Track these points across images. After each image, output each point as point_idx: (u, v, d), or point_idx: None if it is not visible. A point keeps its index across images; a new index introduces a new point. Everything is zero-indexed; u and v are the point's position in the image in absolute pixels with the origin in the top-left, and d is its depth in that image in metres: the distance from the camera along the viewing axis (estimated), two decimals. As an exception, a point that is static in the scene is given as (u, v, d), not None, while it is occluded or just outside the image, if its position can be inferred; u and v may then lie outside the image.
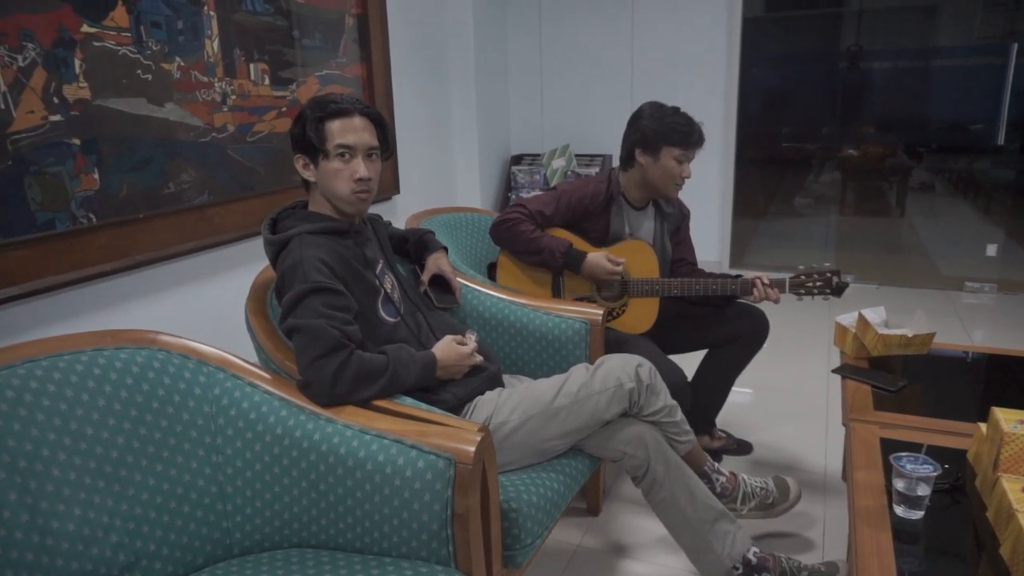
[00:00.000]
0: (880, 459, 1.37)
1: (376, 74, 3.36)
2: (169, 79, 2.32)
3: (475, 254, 2.28)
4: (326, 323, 1.29)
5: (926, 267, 4.45)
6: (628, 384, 1.55)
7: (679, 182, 2.03)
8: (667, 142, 1.98)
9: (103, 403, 1.14)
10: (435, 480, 1.14)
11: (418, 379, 1.42)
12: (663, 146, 1.99)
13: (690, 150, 2.00)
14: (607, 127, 4.32)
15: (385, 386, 1.34)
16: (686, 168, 2.02)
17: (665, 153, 1.99)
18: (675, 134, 1.98)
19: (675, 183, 2.03)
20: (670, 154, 1.99)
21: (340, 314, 1.32)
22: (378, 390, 1.33)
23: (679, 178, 2.02)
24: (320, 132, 1.45)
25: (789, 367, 2.93)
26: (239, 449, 1.23)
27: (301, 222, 1.47)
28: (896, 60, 5.64)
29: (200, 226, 2.49)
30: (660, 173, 2.01)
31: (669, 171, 2.00)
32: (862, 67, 5.72)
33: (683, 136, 1.98)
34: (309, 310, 1.30)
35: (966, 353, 1.92)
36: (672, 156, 1.99)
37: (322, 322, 1.29)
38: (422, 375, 1.43)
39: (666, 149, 1.99)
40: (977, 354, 1.91)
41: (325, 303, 1.31)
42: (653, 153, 2.00)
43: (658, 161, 2.00)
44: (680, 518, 1.57)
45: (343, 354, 1.29)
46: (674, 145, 1.98)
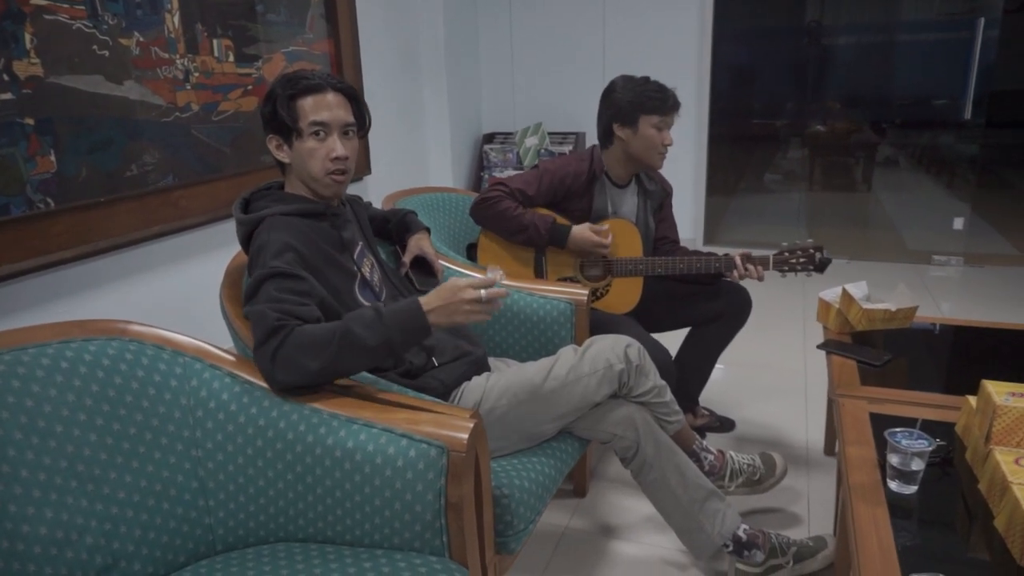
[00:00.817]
0: (871, 434, 1.37)
1: (344, 51, 3.26)
2: (127, 55, 2.21)
3: (453, 234, 2.22)
4: (268, 307, 1.19)
5: (894, 241, 4.51)
6: (617, 365, 1.53)
7: (662, 150, 2.00)
8: (644, 110, 1.96)
9: (72, 398, 1.07)
10: (427, 469, 1.11)
11: (391, 332, 1.19)
12: (640, 115, 1.96)
13: (668, 115, 1.97)
14: (580, 104, 4.28)
15: (340, 350, 1.16)
16: (667, 135, 1.99)
17: (644, 122, 1.96)
18: (650, 101, 1.95)
19: (658, 152, 2.00)
20: (648, 122, 1.96)
21: (293, 297, 1.24)
22: (331, 357, 1.16)
23: (661, 146, 1.99)
24: (292, 110, 1.38)
25: (766, 343, 2.95)
26: (220, 442, 1.18)
27: (274, 203, 1.40)
28: (860, 35, 5.68)
29: (165, 210, 2.40)
30: (642, 144, 1.98)
31: (650, 140, 1.97)
32: (827, 43, 5.75)
33: (659, 102, 1.95)
34: (262, 296, 1.22)
35: (940, 326, 1.93)
36: (651, 124, 1.96)
37: (263, 307, 1.20)
38: (401, 325, 1.20)
39: (644, 118, 1.96)
40: (956, 327, 1.92)
41: (279, 287, 1.24)
42: (631, 124, 1.97)
43: (638, 132, 1.97)
44: (670, 498, 1.56)
45: (280, 335, 1.16)
46: (651, 112, 1.95)
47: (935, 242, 4.19)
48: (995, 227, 4.70)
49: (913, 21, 5.47)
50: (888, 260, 4.07)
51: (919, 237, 4.43)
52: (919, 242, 4.34)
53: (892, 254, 4.20)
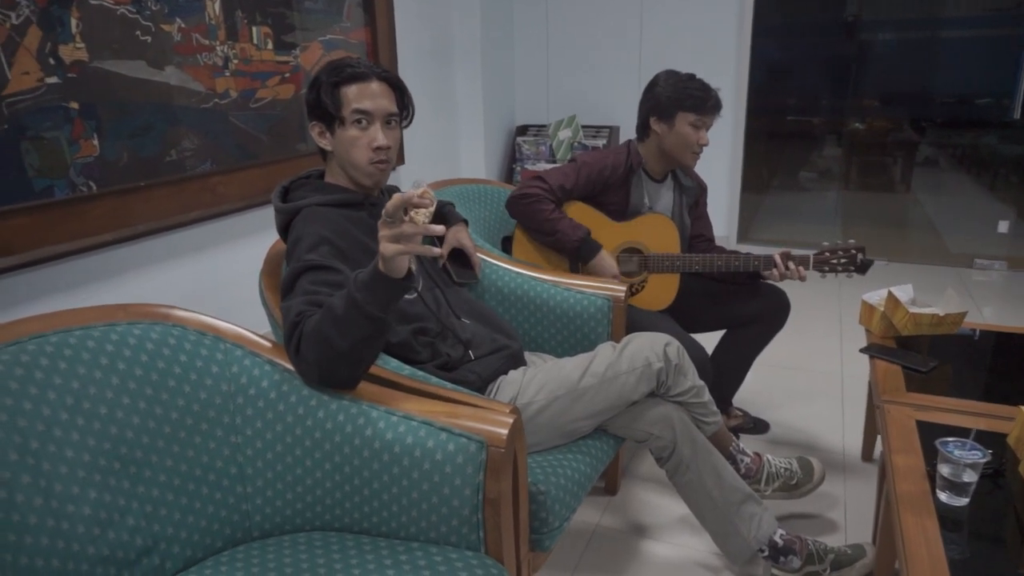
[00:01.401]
0: (918, 442, 1.33)
1: (381, 40, 3.25)
2: (169, 41, 2.23)
3: (488, 227, 2.21)
4: (297, 302, 1.18)
5: (935, 243, 4.41)
6: (656, 364, 1.50)
7: (696, 150, 1.97)
8: (681, 107, 1.92)
9: (117, 381, 1.07)
10: (466, 464, 1.09)
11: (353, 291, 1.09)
12: (678, 112, 1.93)
13: (706, 116, 1.94)
14: (615, 98, 4.23)
15: (325, 329, 1.10)
16: (703, 135, 1.95)
17: (680, 119, 1.93)
18: (689, 99, 1.92)
19: (692, 151, 1.97)
20: (685, 120, 1.93)
21: (325, 288, 1.22)
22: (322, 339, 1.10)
23: (696, 145, 1.95)
24: (335, 97, 1.38)
25: (802, 344, 2.90)
26: (259, 430, 1.18)
27: (313, 193, 1.40)
28: (902, 31, 5.53)
29: (202, 195, 2.41)
30: (676, 140, 1.95)
31: (685, 138, 1.94)
32: (866, 38, 5.62)
33: (698, 101, 1.92)
34: (297, 290, 1.23)
35: (986, 333, 1.87)
36: (687, 122, 1.93)
37: (292, 302, 1.18)
38: (360, 282, 1.09)
39: (681, 115, 1.93)
40: (1004, 333, 1.86)
41: (313, 280, 1.23)
42: (668, 120, 1.94)
43: (673, 128, 1.94)
44: (706, 500, 1.54)
45: (298, 330, 1.14)
46: (689, 110, 1.92)
47: (978, 245, 4.09)
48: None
49: (957, 16, 5.32)
50: (928, 263, 3.97)
51: (961, 240, 4.32)
52: (961, 245, 4.23)
53: (932, 257, 4.10)
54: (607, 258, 1.94)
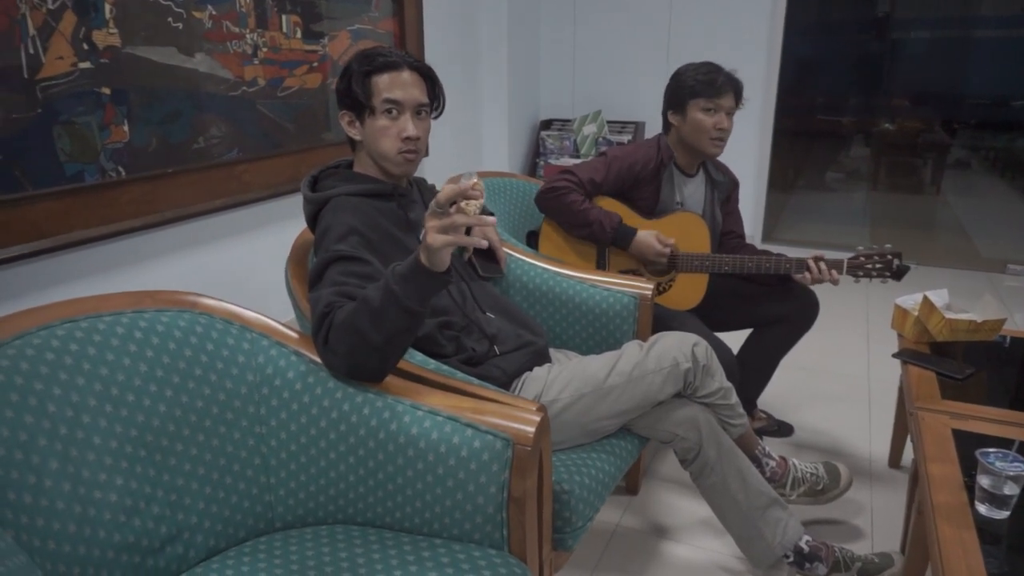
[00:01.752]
0: (954, 451, 1.29)
1: (408, 30, 3.24)
2: (200, 28, 2.23)
3: (513, 221, 2.19)
4: (326, 292, 1.17)
5: (965, 247, 4.32)
6: (684, 364, 1.48)
7: (714, 135, 1.91)
8: (691, 95, 1.91)
9: (144, 368, 1.07)
10: (492, 461, 1.08)
11: (391, 282, 1.08)
12: (688, 100, 1.91)
13: (718, 98, 1.89)
14: (641, 93, 4.18)
15: (358, 320, 1.09)
16: (720, 118, 1.90)
17: (691, 107, 1.91)
18: (698, 84, 1.90)
19: (709, 136, 1.92)
20: (696, 107, 1.91)
21: (356, 280, 1.21)
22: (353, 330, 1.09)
23: (713, 130, 1.91)
24: (366, 87, 1.37)
25: (828, 346, 2.85)
26: (283, 421, 1.17)
27: (342, 182, 1.39)
28: (935, 30, 5.42)
29: (229, 183, 2.42)
30: (691, 129, 1.93)
31: (699, 125, 1.91)
32: (898, 37, 5.51)
33: (705, 84, 1.89)
34: (326, 280, 1.22)
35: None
36: (699, 108, 1.90)
37: (321, 292, 1.18)
38: (399, 273, 1.09)
39: (691, 103, 1.91)
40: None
41: (342, 271, 1.22)
42: (681, 111, 1.94)
43: (687, 117, 1.92)
44: (731, 503, 1.51)
45: (327, 321, 1.13)
46: (697, 96, 1.90)
47: (1010, 250, 3.99)
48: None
49: (992, 15, 5.19)
50: (959, 267, 3.89)
51: (993, 245, 4.22)
52: (992, 250, 4.14)
53: (963, 261, 4.01)
54: (646, 235, 1.90)
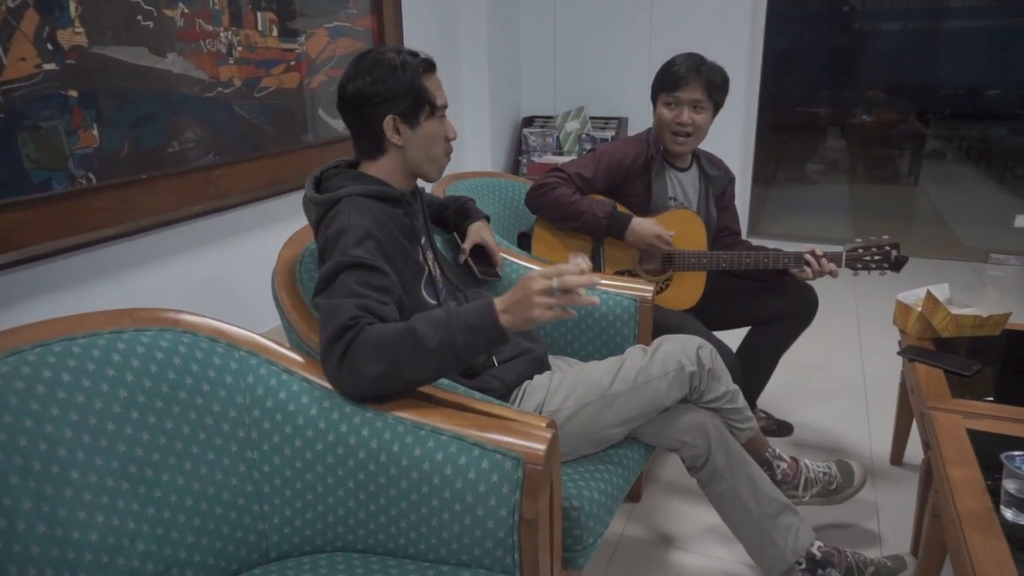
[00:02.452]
0: (972, 453, 1.26)
1: (387, 27, 3.15)
2: (172, 27, 2.13)
3: (503, 222, 2.13)
4: (346, 302, 1.09)
5: (947, 238, 4.34)
6: (689, 367, 1.43)
7: (674, 129, 1.88)
8: (658, 89, 1.91)
9: (124, 394, 0.99)
10: (502, 483, 1.02)
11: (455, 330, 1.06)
12: (658, 94, 1.91)
13: (677, 91, 1.85)
14: (624, 89, 4.14)
15: (400, 351, 1.04)
16: (680, 112, 1.86)
17: (659, 103, 1.91)
18: (661, 79, 1.89)
19: (670, 131, 1.89)
20: (661, 101, 1.90)
21: (374, 293, 1.14)
22: (392, 360, 1.04)
23: (672, 124, 1.88)
24: (424, 86, 1.28)
25: (821, 342, 2.82)
26: (277, 445, 1.10)
27: (351, 182, 1.30)
28: (906, 21, 5.45)
29: (206, 188, 2.32)
30: (657, 123, 1.93)
31: (661, 120, 1.91)
32: (871, 29, 5.54)
33: (667, 78, 1.88)
34: (340, 287, 1.13)
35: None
36: (663, 103, 1.90)
37: (342, 300, 1.10)
38: (466, 323, 1.07)
39: (660, 97, 1.91)
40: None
41: (360, 281, 1.14)
42: (655, 106, 1.93)
43: (656, 111, 1.92)
44: (741, 511, 1.47)
45: (351, 334, 1.06)
46: (660, 90, 1.90)
47: (992, 239, 4.02)
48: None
49: (961, 7, 5.23)
50: (942, 257, 3.90)
51: (974, 234, 4.25)
52: (973, 239, 4.16)
53: (945, 251, 4.03)
54: (642, 222, 1.85)
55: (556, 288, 1.05)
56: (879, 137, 5.78)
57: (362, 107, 1.28)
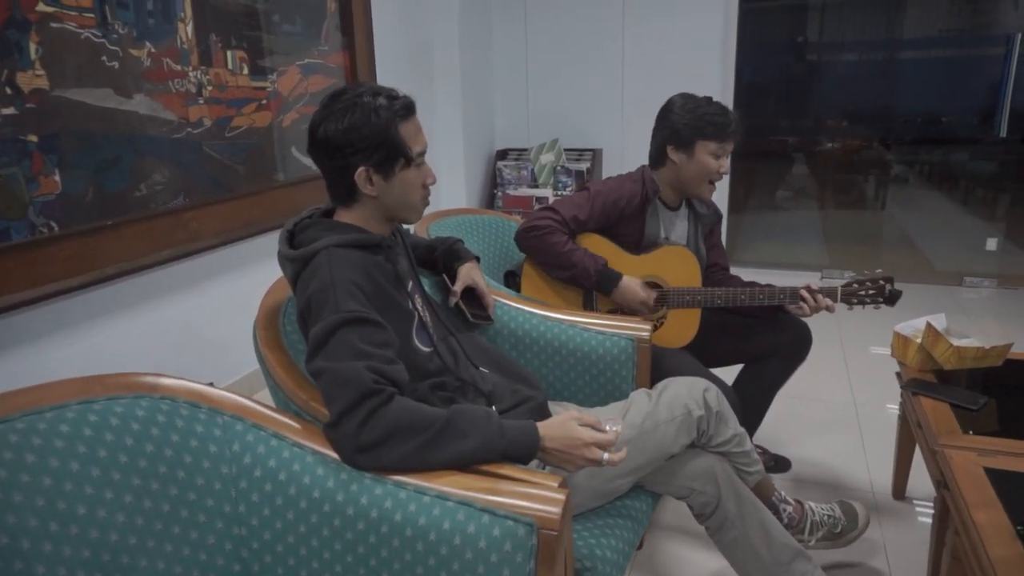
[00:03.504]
0: (994, 494, 1.21)
1: (360, 63, 3.11)
2: (138, 67, 2.05)
3: (490, 261, 2.07)
4: (358, 365, 1.03)
5: (920, 262, 4.39)
6: (697, 411, 1.37)
7: (715, 179, 1.87)
8: (702, 136, 1.82)
9: (97, 473, 0.90)
10: (515, 551, 0.94)
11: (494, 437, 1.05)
12: (697, 140, 1.82)
13: (727, 142, 1.84)
14: (597, 120, 4.14)
15: (435, 439, 1.02)
16: (724, 163, 1.86)
17: (700, 148, 1.83)
18: (709, 126, 1.81)
19: (710, 181, 1.87)
20: (705, 149, 1.82)
21: (380, 351, 1.08)
22: (422, 444, 1.01)
23: (716, 174, 1.85)
24: (399, 135, 1.20)
25: (809, 373, 2.77)
26: (267, 518, 1.00)
27: (327, 232, 1.22)
28: (863, 52, 5.61)
29: (176, 232, 2.23)
30: (696, 170, 1.85)
31: (705, 167, 1.84)
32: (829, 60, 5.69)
33: (719, 128, 1.82)
34: (342, 347, 1.05)
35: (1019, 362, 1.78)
36: (708, 151, 1.83)
37: (352, 364, 1.03)
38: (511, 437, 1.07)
39: (701, 143, 1.82)
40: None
41: (363, 338, 1.07)
42: (687, 149, 1.84)
43: (693, 157, 1.83)
44: (753, 559, 1.40)
45: (377, 400, 1.01)
46: (710, 138, 1.82)
47: (964, 263, 4.07)
48: (1021, 247, 4.59)
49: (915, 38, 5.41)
50: (916, 281, 3.94)
51: (945, 257, 4.31)
52: (946, 263, 4.22)
53: (919, 275, 4.07)
54: (631, 283, 1.80)
55: (604, 463, 1.11)
56: (844, 163, 5.90)
57: (332, 155, 1.20)
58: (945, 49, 5.19)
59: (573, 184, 4.04)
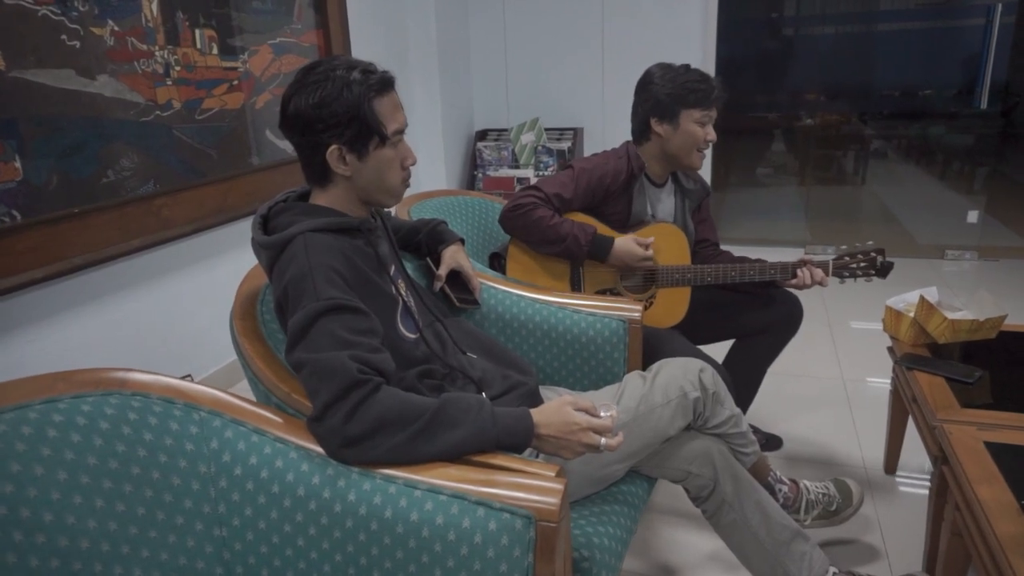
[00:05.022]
0: (996, 469, 1.19)
1: (335, 42, 3.02)
2: (101, 47, 1.95)
3: (474, 243, 2.01)
4: (341, 354, 0.98)
5: (901, 236, 4.40)
6: (692, 393, 1.34)
7: (703, 147, 1.82)
8: (685, 104, 1.77)
9: (64, 476, 0.84)
10: (513, 545, 0.90)
11: (486, 424, 1.01)
12: (681, 110, 1.78)
13: (711, 109, 1.79)
14: (578, 98, 4.07)
15: (420, 432, 0.97)
16: (710, 130, 1.81)
17: (684, 117, 1.78)
18: (692, 94, 1.77)
19: (699, 149, 1.82)
20: (690, 117, 1.78)
21: (364, 339, 1.03)
22: (412, 435, 0.96)
23: (703, 143, 1.81)
24: (374, 112, 1.13)
25: (797, 349, 2.76)
26: (249, 518, 0.95)
27: (302, 216, 1.15)
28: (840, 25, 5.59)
29: (146, 220, 2.14)
30: (682, 140, 1.80)
31: (692, 136, 1.79)
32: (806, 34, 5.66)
33: (702, 95, 1.77)
34: (323, 337, 1.00)
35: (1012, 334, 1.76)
36: (693, 119, 1.78)
37: (336, 354, 0.98)
38: (504, 425, 1.02)
39: (685, 112, 1.78)
40: None
41: (345, 326, 1.02)
42: (671, 120, 1.79)
43: (679, 128, 1.79)
44: (752, 541, 1.37)
45: (363, 391, 0.97)
46: (693, 106, 1.77)
47: (944, 236, 4.09)
48: (1000, 220, 4.62)
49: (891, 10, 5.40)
50: (898, 255, 3.95)
51: (926, 231, 4.32)
52: (927, 236, 4.23)
53: (901, 249, 4.08)
54: (626, 243, 1.75)
55: (602, 449, 1.07)
56: (823, 139, 5.89)
57: (303, 132, 1.14)
58: (923, 21, 5.18)
59: (555, 164, 3.98)
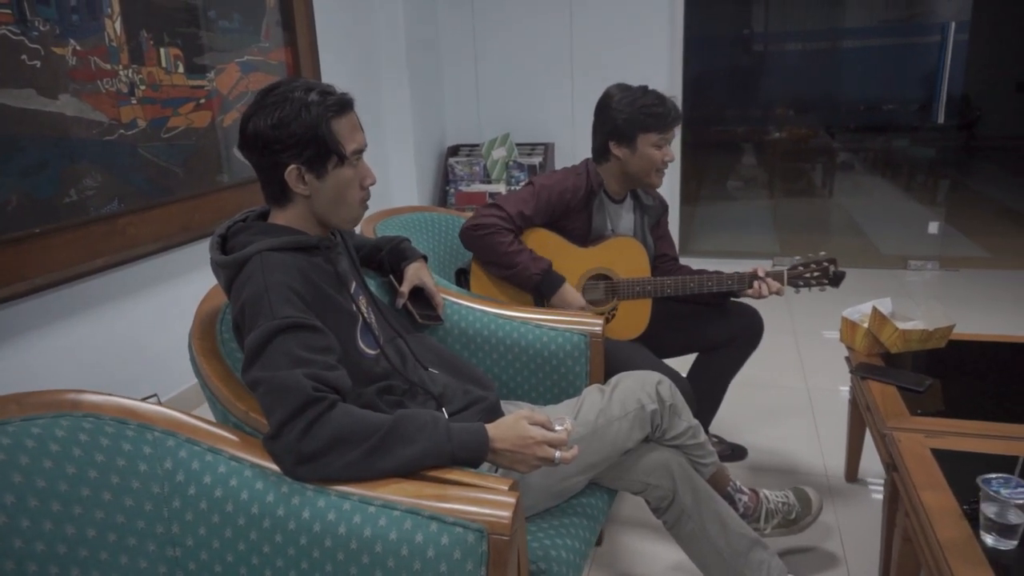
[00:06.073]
0: (942, 475, 1.23)
1: (303, 60, 3.03)
2: (63, 66, 1.95)
3: (439, 260, 2.03)
4: (296, 372, 0.99)
5: (865, 246, 4.50)
6: (650, 405, 1.36)
7: (661, 167, 1.86)
8: (643, 128, 1.81)
9: (11, 500, 0.83)
10: (465, 559, 0.91)
11: (441, 441, 1.02)
12: (639, 134, 1.81)
13: (668, 131, 1.84)
14: (548, 114, 4.12)
15: (375, 448, 0.98)
16: (668, 151, 1.85)
17: (642, 141, 1.82)
18: (649, 118, 1.81)
19: (657, 170, 1.86)
20: (647, 141, 1.82)
21: (320, 357, 1.04)
22: (366, 451, 0.97)
23: (661, 163, 1.85)
24: (332, 132, 1.15)
25: (761, 359, 2.81)
26: (203, 538, 0.95)
27: (260, 236, 1.17)
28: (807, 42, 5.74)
29: (111, 239, 2.13)
30: (641, 163, 1.84)
31: (650, 159, 1.83)
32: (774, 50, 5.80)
33: (658, 118, 1.81)
34: (279, 356, 1.01)
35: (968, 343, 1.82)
36: (650, 143, 1.82)
37: (291, 372, 0.99)
38: (460, 440, 1.03)
39: (642, 136, 1.82)
40: (982, 343, 1.82)
41: (301, 344, 1.02)
42: (629, 144, 1.83)
43: (636, 151, 1.83)
44: (711, 551, 1.40)
45: (318, 408, 0.97)
46: (650, 131, 1.81)
47: (907, 246, 4.18)
48: (960, 230, 4.74)
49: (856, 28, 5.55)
50: (862, 266, 4.03)
51: (889, 242, 4.42)
52: (891, 247, 4.33)
53: (865, 259, 4.17)
54: (570, 291, 1.80)
55: (557, 462, 1.08)
56: (792, 152, 6.01)
57: (262, 152, 1.15)
58: (884, 38, 5.33)
59: (527, 179, 4.02)
